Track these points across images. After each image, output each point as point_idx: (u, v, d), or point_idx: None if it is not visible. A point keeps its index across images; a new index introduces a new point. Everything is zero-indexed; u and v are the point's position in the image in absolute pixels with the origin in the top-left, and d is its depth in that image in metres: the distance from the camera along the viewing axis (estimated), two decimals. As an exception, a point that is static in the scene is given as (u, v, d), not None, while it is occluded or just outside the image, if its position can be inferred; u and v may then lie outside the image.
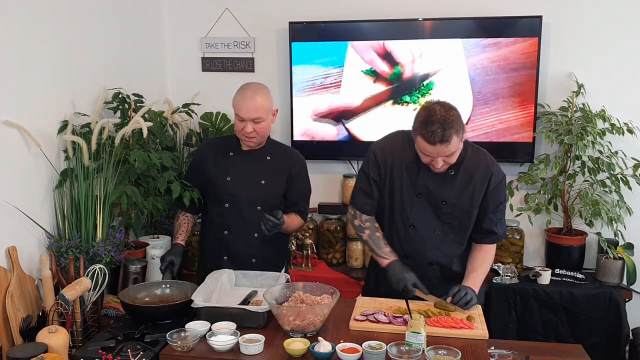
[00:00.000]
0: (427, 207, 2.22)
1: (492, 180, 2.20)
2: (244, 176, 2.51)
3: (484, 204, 2.22)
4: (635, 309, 3.11)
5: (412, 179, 2.22)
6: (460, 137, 2.04)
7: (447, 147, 2.02)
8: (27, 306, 2.11)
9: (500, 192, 2.25)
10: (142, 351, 1.86)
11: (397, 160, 2.24)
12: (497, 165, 2.24)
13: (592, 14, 3.18)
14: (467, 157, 2.20)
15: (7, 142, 2.16)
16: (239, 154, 2.53)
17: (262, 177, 2.51)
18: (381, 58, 3.32)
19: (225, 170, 2.51)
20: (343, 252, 3.49)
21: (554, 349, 2.28)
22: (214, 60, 3.61)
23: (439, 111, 2.02)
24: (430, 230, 2.24)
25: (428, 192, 2.21)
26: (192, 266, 3.29)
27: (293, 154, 2.60)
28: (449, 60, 3.25)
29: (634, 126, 3.08)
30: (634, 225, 3.17)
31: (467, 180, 2.20)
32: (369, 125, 3.40)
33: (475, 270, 2.24)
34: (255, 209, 2.48)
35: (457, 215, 2.22)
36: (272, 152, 2.55)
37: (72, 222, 2.41)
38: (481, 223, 2.25)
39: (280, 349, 1.84)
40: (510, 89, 3.21)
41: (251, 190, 2.50)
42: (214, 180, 2.52)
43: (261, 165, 2.52)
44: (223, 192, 2.51)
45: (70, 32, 2.54)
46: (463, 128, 2.06)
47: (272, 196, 2.52)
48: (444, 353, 1.76)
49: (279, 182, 2.53)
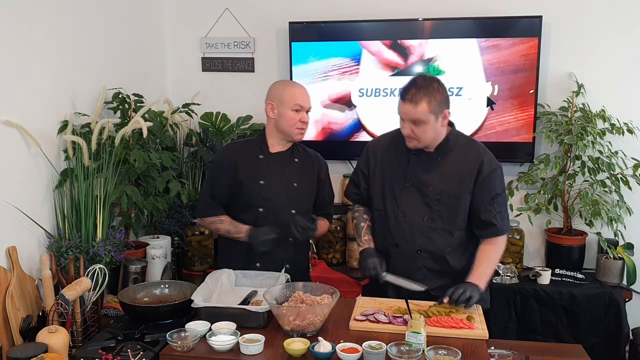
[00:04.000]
0: (417, 194, 2.25)
1: (483, 168, 2.21)
2: (276, 179, 2.42)
3: (477, 193, 2.22)
4: (635, 309, 3.11)
5: (402, 168, 2.28)
6: (433, 108, 2.10)
7: (415, 108, 2.10)
8: (27, 306, 2.11)
9: (495, 182, 2.24)
10: (142, 351, 1.86)
11: (389, 151, 2.32)
12: (489, 156, 2.25)
13: (592, 14, 3.18)
14: (458, 145, 2.25)
15: (7, 142, 2.16)
16: (269, 157, 2.44)
17: (293, 180, 2.44)
18: (380, 57, 3.32)
19: (257, 173, 2.41)
20: (343, 252, 3.49)
21: (554, 349, 2.29)
22: (214, 60, 3.61)
23: (420, 78, 2.18)
24: (419, 217, 2.25)
25: (417, 179, 2.25)
26: (192, 266, 3.29)
27: (318, 157, 2.56)
28: (449, 60, 3.26)
29: (634, 126, 3.08)
30: (634, 225, 3.17)
31: (456, 167, 2.23)
32: (369, 125, 3.40)
33: (480, 265, 2.22)
34: (290, 212, 2.38)
35: (445, 201, 2.23)
36: (299, 154, 2.50)
37: (72, 222, 2.41)
38: (478, 214, 2.23)
39: (280, 349, 1.84)
40: (510, 89, 3.21)
41: (285, 194, 2.42)
42: (246, 186, 2.40)
43: (291, 168, 2.45)
44: (257, 196, 2.40)
45: (70, 32, 2.54)
46: (440, 103, 2.12)
47: (305, 199, 2.47)
48: (444, 353, 1.76)
49: (309, 185, 2.48)
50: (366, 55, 3.34)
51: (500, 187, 2.27)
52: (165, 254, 2.76)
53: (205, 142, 3.36)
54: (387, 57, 3.32)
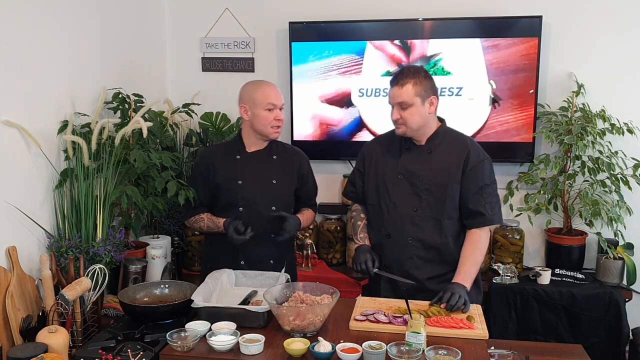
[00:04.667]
0: (408, 186, 2.33)
1: (469, 159, 2.29)
2: (254, 178, 2.49)
3: (465, 184, 2.29)
4: (635, 309, 3.11)
5: (395, 163, 2.37)
6: (419, 91, 2.22)
7: (400, 90, 2.23)
8: (27, 306, 2.11)
9: (483, 173, 2.30)
10: (142, 351, 1.86)
11: (383, 148, 2.43)
12: (477, 147, 2.34)
13: (592, 14, 3.18)
14: (447, 139, 2.35)
15: (7, 142, 2.16)
16: (245, 157, 2.52)
17: (272, 176, 2.51)
18: (381, 58, 3.32)
19: (235, 174, 2.49)
20: (343, 252, 3.49)
21: (554, 349, 2.28)
22: (214, 60, 3.61)
23: (409, 66, 2.38)
24: (409, 207, 2.32)
25: (408, 171, 2.34)
26: (192, 266, 3.29)
27: (297, 153, 2.62)
28: (449, 61, 3.25)
29: (634, 126, 3.08)
30: (634, 225, 3.17)
31: (444, 158, 2.31)
32: (371, 124, 3.40)
33: (465, 263, 2.26)
34: (270, 209, 2.47)
35: (433, 191, 2.30)
36: (277, 151, 2.56)
37: (72, 222, 2.41)
38: (467, 204, 2.30)
39: (280, 349, 1.84)
40: (510, 89, 3.21)
41: (264, 191, 2.49)
42: (224, 186, 2.49)
43: (269, 165, 2.52)
44: (236, 197, 2.48)
45: (70, 32, 2.54)
46: (426, 88, 2.24)
47: (285, 195, 2.54)
48: (444, 353, 1.76)
49: (289, 180, 2.55)
50: (368, 54, 3.34)
51: (489, 178, 2.33)
52: (165, 254, 2.76)
53: (205, 142, 3.36)
54: (389, 56, 3.32)
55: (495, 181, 2.36)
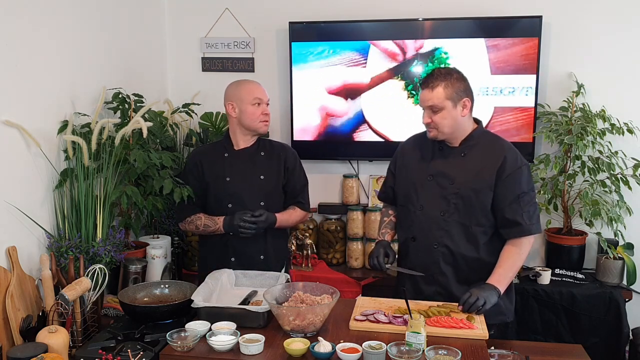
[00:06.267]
0: (437, 188, 2.26)
1: (506, 165, 2.18)
2: (242, 174, 2.53)
3: (501, 192, 2.18)
4: (635, 309, 3.11)
5: (426, 164, 2.31)
6: (450, 94, 2.14)
7: (431, 93, 2.16)
8: (27, 306, 2.11)
9: (520, 180, 2.19)
10: (142, 351, 1.86)
11: (416, 148, 2.37)
12: (514, 153, 2.23)
13: (592, 14, 3.18)
14: (483, 142, 2.25)
15: (7, 142, 2.16)
16: (234, 154, 2.56)
17: (260, 172, 2.54)
18: (380, 58, 3.32)
19: (223, 172, 2.53)
20: (343, 252, 3.49)
21: (554, 349, 2.28)
22: (214, 60, 3.61)
23: (440, 68, 2.27)
24: (437, 210, 2.25)
25: (438, 173, 2.26)
26: (192, 266, 3.29)
27: (284, 148, 2.66)
28: (449, 61, 3.25)
29: (634, 126, 3.08)
30: (634, 225, 3.17)
31: (478, 162, 2.22)
32: (371, 121, 3.41)
33: (502, 265, 2.18)
34: (259, 204, 2.50)
35: (463, 194, 2.21)
36: (265, 147, 2.60)
37: (72, 222, 2.41)
38: (503, 213, 2.19)
39: (280, 349, 1.84)
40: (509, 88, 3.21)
41: (252, 187, 2.52)
42: (213, 184, 2.53)
43: (257, 161, 2.55)
44: (224, 194, 2.52)
45: (70, 32, 2.54)
46: (458, 90, 2.16)
47: (273, 191, 2.56)
48: (444, 353, 1.76)
49: (277, 176, 2.57)
50: (370, 54, 3.33)
51: (527, 185, 2.22)
52: (165, 254, 2.76)
53: (205, 142, 3.36)
54: (389, 55, 3.32)
55: (533, 188, 2.25)
